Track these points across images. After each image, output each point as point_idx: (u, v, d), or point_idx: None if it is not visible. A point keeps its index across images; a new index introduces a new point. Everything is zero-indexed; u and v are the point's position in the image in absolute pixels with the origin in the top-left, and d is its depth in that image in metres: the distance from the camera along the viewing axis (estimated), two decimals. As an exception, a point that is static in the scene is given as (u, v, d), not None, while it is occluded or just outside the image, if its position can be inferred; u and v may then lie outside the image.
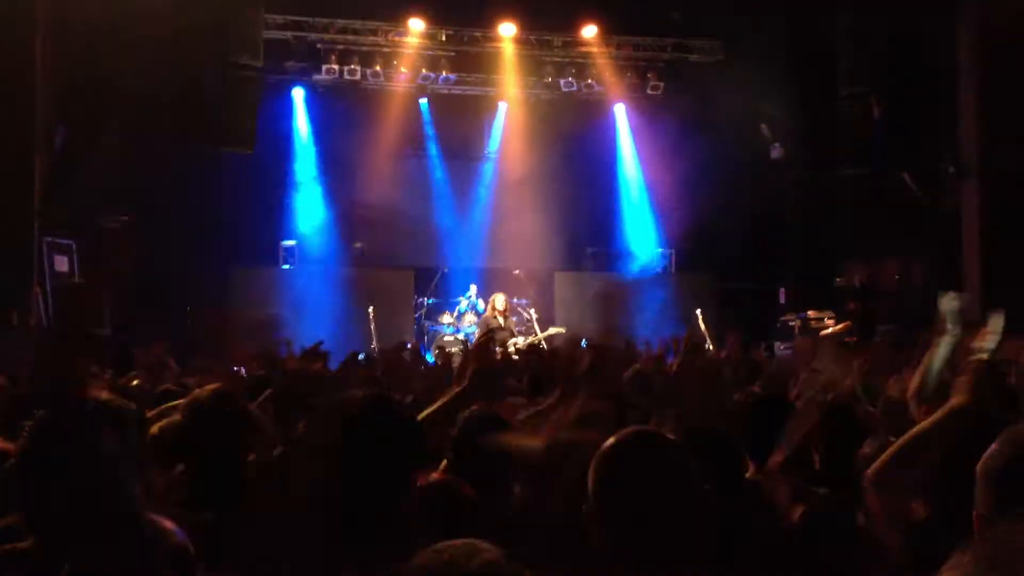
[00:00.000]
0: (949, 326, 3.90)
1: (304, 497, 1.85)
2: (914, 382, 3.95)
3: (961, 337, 3.99)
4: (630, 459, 2.00)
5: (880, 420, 4.15)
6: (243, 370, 4.60)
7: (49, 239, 12.67)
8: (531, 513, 2.33)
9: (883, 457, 2.42)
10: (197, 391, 3.32)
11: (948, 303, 4.02)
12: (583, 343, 3.55)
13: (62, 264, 12.96)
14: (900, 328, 12.84)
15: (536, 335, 14.47)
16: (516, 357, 11.46)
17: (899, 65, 13.88)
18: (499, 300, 14.64)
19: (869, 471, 2.44)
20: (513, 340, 13.89)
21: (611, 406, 3.10)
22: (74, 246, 13.10)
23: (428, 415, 3.21)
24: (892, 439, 2.74)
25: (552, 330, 14.59)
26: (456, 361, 8.42)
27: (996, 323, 3.70)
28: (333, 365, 6.09)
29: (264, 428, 3.06)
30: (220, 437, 2.99)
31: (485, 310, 14.87)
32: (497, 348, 11.92)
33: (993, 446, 2.03)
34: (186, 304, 14.25)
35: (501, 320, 14.30)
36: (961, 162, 13.24)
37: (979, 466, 2.01)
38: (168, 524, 2.28)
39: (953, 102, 13.52)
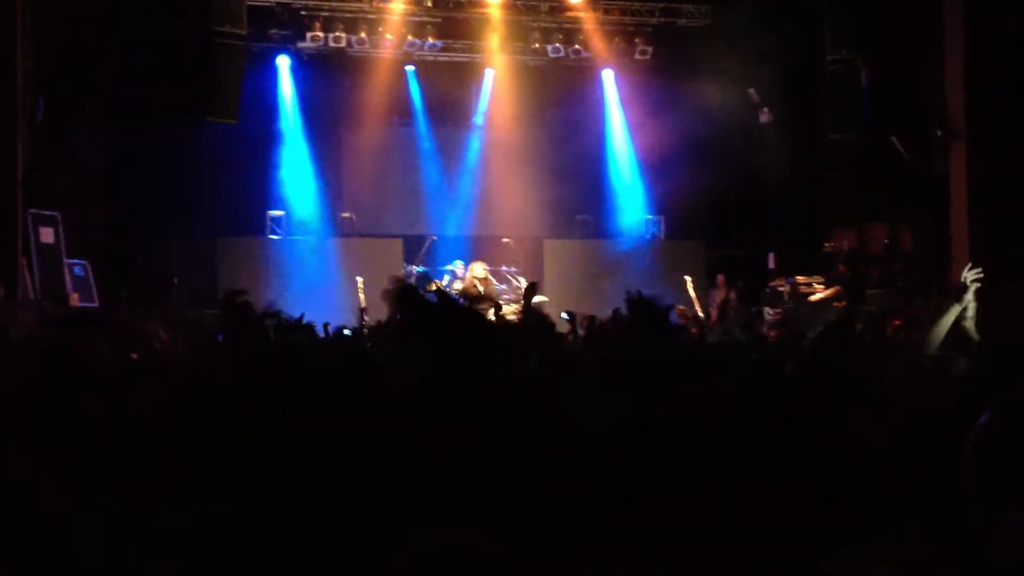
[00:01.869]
0: (967, 296, 3.94)
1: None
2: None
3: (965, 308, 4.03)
4: None
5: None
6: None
7: (34, 211, 12.57)
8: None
9: None
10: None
11: (973, 276, 4.06)
12: (563, 315, 3.57)
13: (48, 236, 12.87)
14: (890, 292, 12.88)
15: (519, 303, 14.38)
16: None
17: (886, 29, 13.80)
18: (478, 268, 14.55)
19: None
20: (491, 311, 13.78)
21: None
22: (59, 218, 13.01)
23: None
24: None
25: (536, 299, 14.47)
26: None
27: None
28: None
29: None
30: None
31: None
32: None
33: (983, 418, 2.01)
34: (172, 275, 14.22)
35: (482, 289, 14.23)
36: (949, 125, 13.19)
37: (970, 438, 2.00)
38: None
39: (940, 65, 13.46)
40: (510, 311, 13.66)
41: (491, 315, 13.25)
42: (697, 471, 2.21)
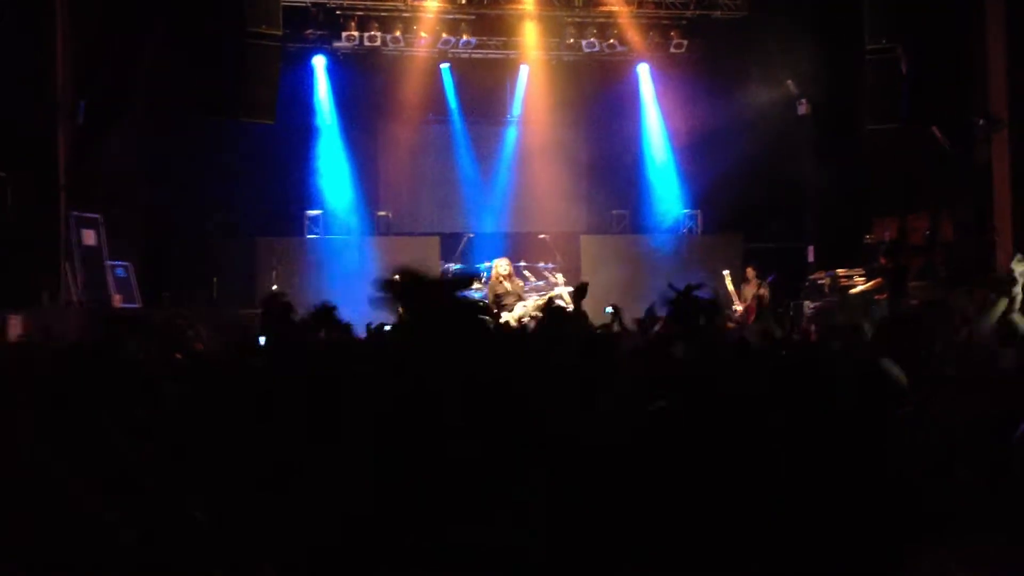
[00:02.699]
0: (1016, 288, 3.87)
1: None
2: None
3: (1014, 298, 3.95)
4: None
5: None
6: None
7: (76, 213, 12.72)
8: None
9: None
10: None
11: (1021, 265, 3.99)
12: (608, 310, 3.55)
13: (90, 238, 13.03)
14: (932, 283, 12.73)
15: (543, 295, 14.21)
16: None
17: (926, 17, 13.61)
18: (502, 265, 14.43)
19: None
20: (522, 303, 13.78)
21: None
22: (101, 219, 13.16)
23: None
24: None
25: (558, 290, 14.35)
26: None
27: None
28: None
29: None
30: None
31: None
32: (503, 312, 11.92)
33: None
34: (213, 275, 14.34)
35: (508, 285, 14.17)
36: (991, 114, 13.01)
37: None
38: None
39: (982, 53, 13.28)
40: (533, 305, 13.63)
41: (516, 308, 13.36)
42: (706, 474, 2.19)
